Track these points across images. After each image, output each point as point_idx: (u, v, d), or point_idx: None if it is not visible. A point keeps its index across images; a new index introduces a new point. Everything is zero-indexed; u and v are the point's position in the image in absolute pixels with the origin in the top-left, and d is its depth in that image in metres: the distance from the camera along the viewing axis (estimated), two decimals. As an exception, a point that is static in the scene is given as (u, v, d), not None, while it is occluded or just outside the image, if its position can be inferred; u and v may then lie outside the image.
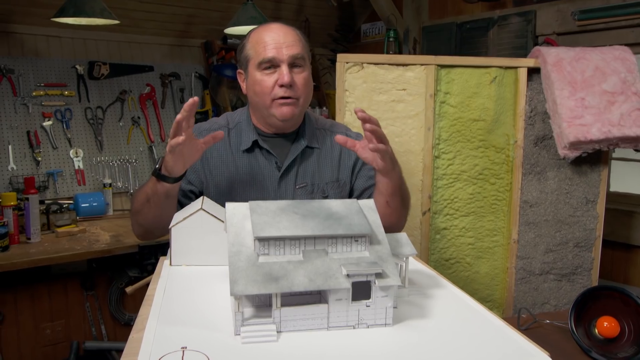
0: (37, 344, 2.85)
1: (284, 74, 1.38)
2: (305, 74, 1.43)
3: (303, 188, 1.49)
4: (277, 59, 1.39)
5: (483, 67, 2.13)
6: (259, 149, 1.48)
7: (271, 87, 1.40)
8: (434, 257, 2.19)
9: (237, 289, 0.79)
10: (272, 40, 1.39)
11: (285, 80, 1.38)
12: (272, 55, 1.38)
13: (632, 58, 2.13)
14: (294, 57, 1.40)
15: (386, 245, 0.91)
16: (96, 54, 3.54)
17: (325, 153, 1.54)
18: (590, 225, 2.25)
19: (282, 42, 1.39)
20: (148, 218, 1.39)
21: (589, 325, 1.46)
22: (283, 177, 1.48)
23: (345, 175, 1.55)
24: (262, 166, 1.47)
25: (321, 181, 1.51)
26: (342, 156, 1.55)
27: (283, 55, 1.39)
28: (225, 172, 1.47)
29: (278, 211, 0.90)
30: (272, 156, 1.48)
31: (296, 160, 1.49)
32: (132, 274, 2.88)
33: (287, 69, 1.39)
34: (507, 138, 2.18)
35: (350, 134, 1.60)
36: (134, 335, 0.83)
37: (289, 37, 1.41)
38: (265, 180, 1.47)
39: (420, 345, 0.81)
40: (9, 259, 2.44)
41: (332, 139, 1.54)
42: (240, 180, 1.46)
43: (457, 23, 3.60)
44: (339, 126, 1.64)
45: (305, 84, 1.44)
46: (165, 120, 3.77)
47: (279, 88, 1.39)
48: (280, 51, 1.38)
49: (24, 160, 3.20)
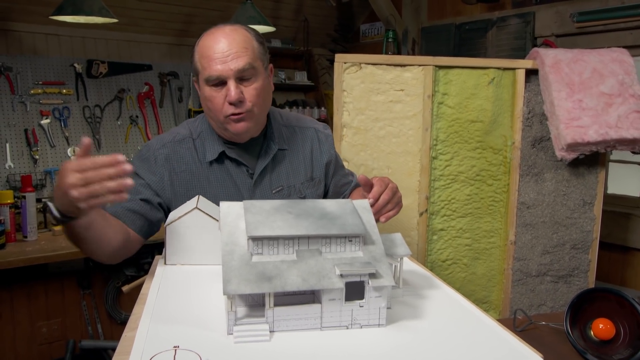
0: (33, 343, 2.85)
1: (231, 91, 1.30)
2: (256, 84, 1.34)
3: (279, 192, 1.46)
4: (223, 76, 1.30)
5: (481, 68, 2.13)
6: (228, 159, 1.43)
7: (221, 104, 1.33)
8: (431, 258, 2.19)
9: (230, 288, 0.79)
10: (216, 54, 1.30)
11: (232, 99, 1.30)
12: (218, 73, 1.30)
13: (630, 60, 2.13)
14: (240, 70, 1.30)
15: (380, 245, 0.91)
16: (95, 53, 3.54)
17: (296, 152, 1.51)
18: (587, 227, 2.25)
19: (227, 55, 1.30)
20: (91, 253, 1.26)
21: (585, 327, 1.46)
22: (257, 184, 1.44)
23: (319, 172, 1.54)
24: (233, 176, 1.43)
25: (296, 181, 1.49)
26: (313, 153, 1.53)
27: (229, 70, 1.30)
28: (197, 186, 1.41)
29: (272, 211, 0.90)
30: (243, 165, 1.43)
31: (268, 166, 1.45)
32: (128, 273, 2.88)
33: (235, 85, 1.31)
34: (505, 139, 2.18)
35: (318, 127, 1.58)
36: (127, 334, 0.83)
37: (235, 46, 1.31)
38: (240, 190, 1.43)
39: (414, 346, 0.81)
40: (5, 257, 2.43)
41: (304, 136, 1.53)
42: (214, 193, 1.41)
43: (456, 24, 3.60)
44: (306, 120, 1.60)
45: (257, 94, 1.35)
46: (163, 119, 3.77)
47: (228, 105, 1.32)
48: (226, 66, 1.30)
49: (22, 159, 3.20)
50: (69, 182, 0.98)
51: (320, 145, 1.56)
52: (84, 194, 0.98)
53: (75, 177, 0.98)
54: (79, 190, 0.98)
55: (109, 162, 0.98)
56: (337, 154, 1.63)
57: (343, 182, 1.62)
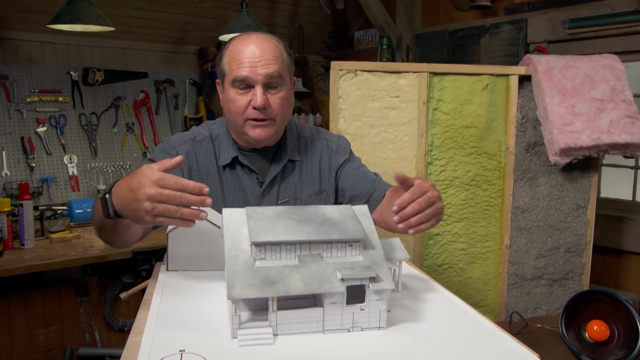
0: (30, 351, 2.84)
1: (257, 96, 1.31)
2: (282, 94, 1.35)
3: (286, 203, 1.45)
4: (251, 79, 1.31)
5: (475, 75, 2.16)
6: (240, 165, 1.43)
7: (244, 108, 1.33)
8: (427, 262, 2.21)
9: (234, 293, 0.80)
10: (247, 58, 1.31)
11: (258, 104, 1.31)
12: (246, 74, 1.30)
13: (621, 66, 2.16)
14: (269, 76, 1.31)
15: (380, 250, 0.93)
16: (91, 61, 3.55)
17: (306, 164, 1.51)
18: (581, 231, 2.28)
19: (257, 60, 1.31)
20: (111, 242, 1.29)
21: (580, 329, 1.48)
22: (265, 193, 1.44)
23: (327, 185, 1.52)
24: (243, 182, 1.44)
25: (303, 194, 1.48)
26: (322, 165, 1.52)
27: (258, 75, 1.30)
28: (210, 187, 1.40)
29: (274, 217, 0.92)
30: (254, 172, 1.44)
31: (277, 176, 1.45)
32: (126, 280, 2.88)
33: (262, 91, 1.31)
34: (499, 145, 2.21)
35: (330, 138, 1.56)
36: (133, 339, 0.84)
37: (267, 53, 1.32)
38: (248, 196, 1.44)
39: (413, 348, 0.83)
40: (2, 265, 2.43)
41: (314, 148, 1.52)
42: (223, 197, 1.42)
43: (450, 31, 3.64)
44: (320, 132, 1.59)
45: (282, 103, 1.36)
46: (159, 126, 3.78)
47: (252, 109, 1.33)
48: (254, 70, 1.30)
49: (18, 166, 3.20)
50: (148, 193, 0.94)
51: (330, 156, 1.53)
52: (156, 210, 0.95)
53: (156, 190, 0.94)
54: (153, 204, 0.94)
55: (192, 189, 0.95)
56: (354, 158, 1.58)
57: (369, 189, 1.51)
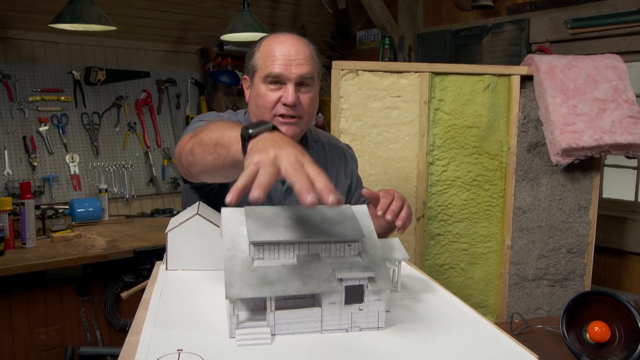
0: (32, 349, 2.84)
1: (290, 93, 1.33)
2: (311, 94, 1.38)
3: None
4: (285, 76, 1.33)
5: (477, 75, 2.16)
6: None
7: (274, 103, 1.35)
8: (428, 262, 2.21)
9: (233, 293, 0.80)
10: (282, 55, 1.33)
11: (289, 100, 1.33)
12: (280, 71, 1.33)
13: (623, 66, 2.16)
14: (302, 76, 1.34)
15: (379, 250, 0.92)
16: (93, 60, 3.55)
17: (324, 168, 1.51)
18: (582, 232, 2.27)
19: (292, 59, 1.33)
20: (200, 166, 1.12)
21: (581, 330, 1.48)
22: (288, 193, 1.44)
23: (341, 191, 1.55)
24: None
25: None
26: (338, 172, 1.55)
27: (291, 73, 1.33)
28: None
29: (273, 216, 0.92)
30: None
31: None
32: (127, 279, 2.88)
33: (294, 89, 1.34)
34: (501, 145, 2.20)
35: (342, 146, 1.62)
36: (131, 338, 0.84)
37: (301, 54, 1.35)
38: (270, 194, 1.42)
39: (412, 348, 0.83)
40: (4, 264, 2.44)
41: (330, 153, 1.56)
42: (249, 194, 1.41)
43: (452, 30, 3.63)
44: (333, 138, 1.64)
45: (311, 103, 1.39)
46: (161, 126, 3.79)
47: (282, 106, 1.35)
48: (288, 69, 1.33)
49: (20, 165, 3.21)
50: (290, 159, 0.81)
51: (346, 165, 1.58)
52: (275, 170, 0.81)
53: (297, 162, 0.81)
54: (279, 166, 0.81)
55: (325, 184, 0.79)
56: (358, 175, 1.65)
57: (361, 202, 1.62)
